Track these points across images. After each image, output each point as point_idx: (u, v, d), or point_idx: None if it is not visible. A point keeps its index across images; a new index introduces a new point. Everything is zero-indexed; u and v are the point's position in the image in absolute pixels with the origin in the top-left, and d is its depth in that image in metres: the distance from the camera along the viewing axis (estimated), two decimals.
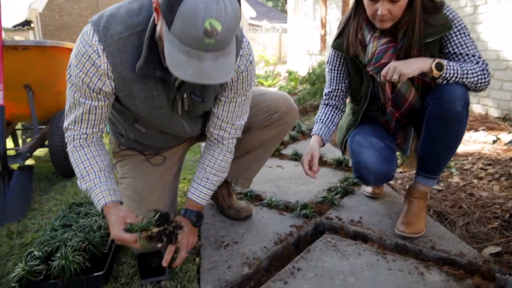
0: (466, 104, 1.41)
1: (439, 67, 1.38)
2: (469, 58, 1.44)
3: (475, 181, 2.24)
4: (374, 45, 1.49)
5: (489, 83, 1.44)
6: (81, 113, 1.19)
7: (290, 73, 7.17)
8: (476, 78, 1.41)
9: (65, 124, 1.24)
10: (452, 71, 1.39)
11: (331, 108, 1.75)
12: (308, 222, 1.66)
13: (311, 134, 1.71)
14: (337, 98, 1.74)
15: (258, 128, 1.57)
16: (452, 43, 1.45)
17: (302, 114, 4.54)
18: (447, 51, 1.46)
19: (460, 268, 1.33)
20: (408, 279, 1.26)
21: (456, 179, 2.29)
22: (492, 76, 3.72)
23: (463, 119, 1.42)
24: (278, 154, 2.73)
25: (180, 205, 1.84)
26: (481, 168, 2.44)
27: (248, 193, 1.95)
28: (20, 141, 3.06)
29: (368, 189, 1.95)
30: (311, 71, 5.44)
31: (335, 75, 1.70)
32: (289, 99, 1.60)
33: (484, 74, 1.42)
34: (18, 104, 2.44)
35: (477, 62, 1.43)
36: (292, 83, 6.58)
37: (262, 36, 18.04)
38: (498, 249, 1.50)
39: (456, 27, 1.43)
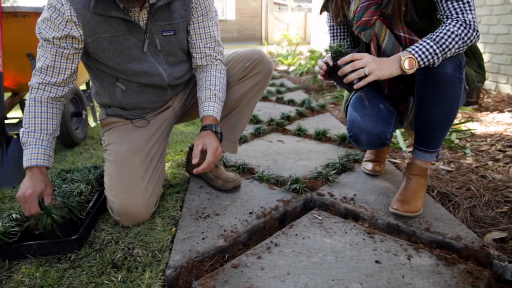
0: (458, 65, 1.27)
1: (410, 64, 1.22)
2: (452, 3, 1.24)
3: (490, 162, 2.06)
4: (356, 3, 1.38)
5: (477, 36, 1.24)
6: (48, 59, 1.27)
7: (312, 52, 6.97)
8: (458, 43, 1.22)
9: (33, 72, 1.31)
10: (429, 57, 1.21)
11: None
12: (297, 197, 1.57)
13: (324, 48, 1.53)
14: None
15: (235, 82, 1.55)
16: None
17: (317, 91, 4.38)
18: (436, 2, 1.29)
19: (454, 252, 1.22)
20: (392, 261, 1.16)
21: (469, 160, 2.12)
22: None
23: (455, 82, 1.28)
24: (281, 129, 2.62)
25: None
26: (500, 150, 2.25)
27: (241, 166, 1.88)
28: None
29: (368, 166, 1.83)
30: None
31: (337, 33, 1.61)
32: (261, 51, 1.59)
33: (465, 32, 1.21)
34: (23, 73, 2.45)
35: (457, 14, 1.23)
36: (312, 62, 6.39)
37: (287, 15, 17.60)
38: (504, 234, 1.36)
39: None
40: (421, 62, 1.22)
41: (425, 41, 1.23)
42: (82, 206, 1.40)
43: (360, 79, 1.24)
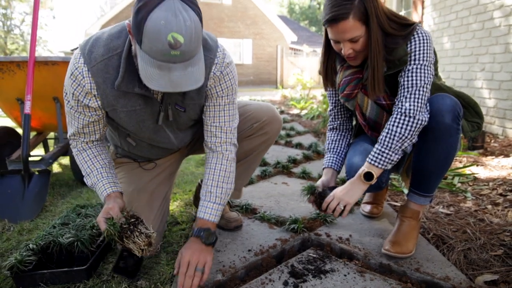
0: (456, 117, 1.37)
1: (369, 176, 1.38)
2: (403, 89, 1.39)
3: (490, 206, 2.10)
4: (340, 76, 1.53)
5: (420, 120, 1.34)
6: (78, 126, 1.33)
7: (325, 96, 7.18)
8: (405, 135, 1.35)
9: (68, 134, 1.39)
10: (385, 160, 1.37)
11: (337, 132, 1.75)
12: (295, 237, 1.65)
13: (323, 167, 1.69)
14: (340, 117, 1.74)
15: (243, 138, 1.62)
16: (403, 75, 1.40)
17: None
18: (400, 79, 1.42)
19: None
20: None
21: (469, 204, 2.16)
22: None
23: (453, 133, 1.38)
24: (287, 172, 2.73)
25: (178, 215, 1.90)
26: (501, 194, 2.29)
27: (245, 206, 1.98)
28: (51, 149, 3.32)
29: (366, 208, 1.91)
30: None
31: (333, 93, 1.73)
32: (272, 109, 1.64)
33: (405, 123, 1.34)
34: (49, 115, 2.68)
35: (400, 102, 1.38)
36: (324, 106, 6.57)
37: (302, 60, 18.23)
38: (495, 277, 1.39)
39: (411, 56, 1.38)
40: (381, 166, 1.38)
41: (376, 147, 1.39)
42: (93, 239, 1.51)
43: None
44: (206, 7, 18.09)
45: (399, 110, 1.37)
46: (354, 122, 1.74)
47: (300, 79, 12.21)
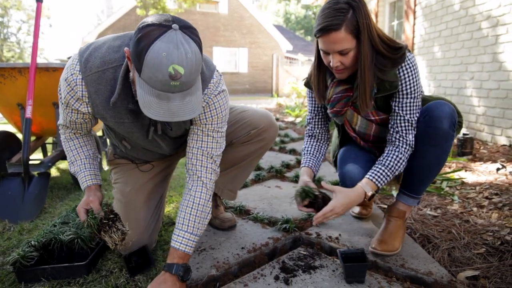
0: (453, 123, 1.46)
1: (372, 196, 1.47)
2: (403, 122, 1.48)
3: (475, 209, 2.18)
4: (330, 92, 1.56)
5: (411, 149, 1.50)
6: (67, 120, 1.40)
7: None
8: (403, 164, 1.49)
9: (58, 122, 1.46)
10: (384, 181, 1.47)
11: (315, 140, 1.78)
12: (287, 236, 1.72)
13: (301, 166, 1.73)
14: (319, 127, 1.76)
15: (239, 143, 1.68)
16: (396, 101, 1.48)
17: None
18: (393, 106, 1.50)
19: (425, 287, 1.33)
20: None
21: (455, 206, 2.24)
22: None
23: (449, 138, 1.46)
24: (280, 176, 2.81)
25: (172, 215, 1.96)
26: (486, 197, 2.37)
27: (239, 208, 2.05)
28: (49, 154, 3.37)
29: (356, 209, 1.98)
30: None
31: (313, 104, 1.75)
32: (269, 116, 1.71)
33: (408, 153, 1.49)
34: (48, 120, 2.74)
35: (402, 132, 1.48)
36: None
37: (297, 69, 18.42)
38: (476, 273, 1.47)
39: (402, 88, 1.45)
40: (379, 185, 1.47)
41: (381, 169, 1.48)
42: (92, 237, 1.57)
43: None
44: (202, 16, 18.30)
45: (405, 141, 1.48)
46: (340, 135, 1.81)
47: (295, 88, 12.33)
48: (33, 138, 3.11)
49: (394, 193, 2.38)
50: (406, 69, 1.43)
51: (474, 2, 4.19)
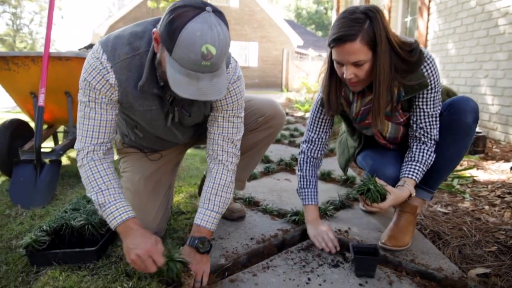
0: (476, 119, 1.47)
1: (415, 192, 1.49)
2: (427, 118, 1.48)
3: (487, 207, 2.15)
4: (358, 105, 1.52)
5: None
6: (91, 127, 1.29)
7: None
8: (432, 159, 1.51)
9: (76, 144, 1.32)
10: (421, 175, 1.50)
11: (311, 165, 1.71)
12: (296, 228, 1.72)
13: (304, 203, 1.66)
14: (317, 149, 1.71)
15: (248, 131, 1.68)
16: (421, 98, 1.46)
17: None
18: (416, 103, 1.48)
19: (435, 282, 1.32)
20: (375, 285, 1.27)
21: (467, 204, 2.22)
22: None
23: (470, 132, 1.47)
24: (290, 169, 2.80)
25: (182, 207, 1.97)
26: (498, 196, 2.34)
27: (248, 199, 2.05)
28: (60, 142, 3.41)
29: None
30: None
31: (318, 124, 1.69)
32: (275, 104, 1.71)
33: (434, 147, 1.51)
34: (60, 108, 2.76)
35: (427, 128, 1.49)
36: None
37: (307, 64, 18.31)
38: (487, 270, 1.45)
39: (430, 85, 1.42)
40: (418, 181, 1.50)
41: (416, 165, 1.49)
42: (103, 223, 1.58)
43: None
44: None
45: (430, 136, 1.50)
46: (357, 144, 1.80)
47: (305, 83, 12.27)
48: (45, 126, 3.14)
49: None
50: (427, 65, 1.41)
51: None
